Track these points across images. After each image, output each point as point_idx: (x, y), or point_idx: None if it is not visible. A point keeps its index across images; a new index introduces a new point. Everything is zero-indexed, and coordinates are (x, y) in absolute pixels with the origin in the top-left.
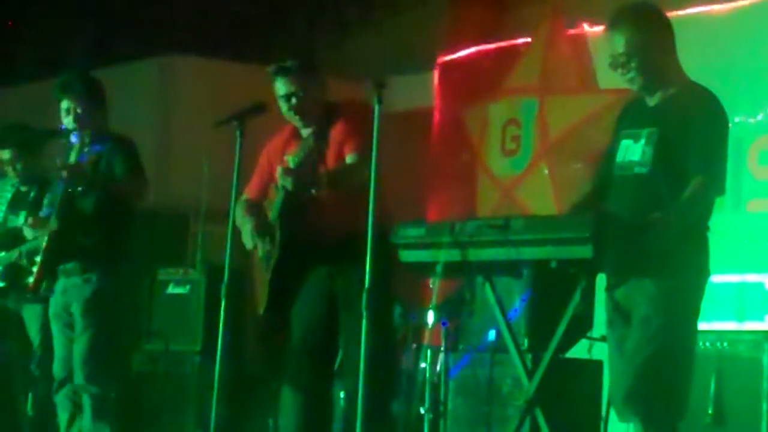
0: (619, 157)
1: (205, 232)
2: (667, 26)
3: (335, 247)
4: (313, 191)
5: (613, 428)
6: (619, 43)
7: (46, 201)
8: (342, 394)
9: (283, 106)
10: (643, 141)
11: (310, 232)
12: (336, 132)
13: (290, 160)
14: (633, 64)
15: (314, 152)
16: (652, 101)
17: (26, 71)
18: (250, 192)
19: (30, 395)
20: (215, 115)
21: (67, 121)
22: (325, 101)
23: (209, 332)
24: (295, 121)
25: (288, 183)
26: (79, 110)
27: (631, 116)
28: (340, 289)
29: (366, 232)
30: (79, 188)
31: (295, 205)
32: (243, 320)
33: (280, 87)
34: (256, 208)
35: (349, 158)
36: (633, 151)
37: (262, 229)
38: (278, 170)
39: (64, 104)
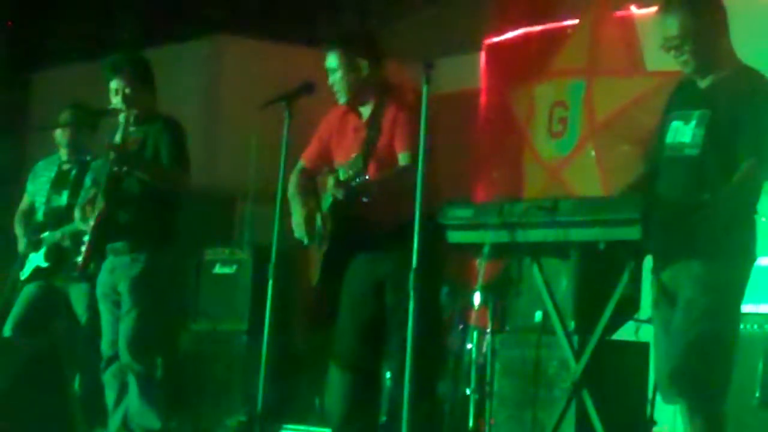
0: (669, 138)
1: (253, 213)
2: (720, 8)
3: (385, 234)
4: (364, 200)
5: (660, 410)
6: (673, 26)
7: (87, 180)
8: (388, 375)
9: (330, 81)
10: (694, 123)
11: (360, 224)
12: (389, 117)
13: (341, 172)
14: (686, 47)
15: (363, 169)
16: (703, 83)
17: (72, 52)
18: (306, 158)
19: (77, 374)
20: (263, 96)
21: (116, 101)
22: (381, 82)
23: (256, 312)
24: (339, 96)
25: (339, 194)
26: (127, 90)
27: (681, 97)
28: (387, 272)
29: (412, 220)
30: (124, 169)
31: (346, 204)
32: (290, 299)
33: (327, 60)
34: (309, 185)
35: (401, 158)
36: (683, 132)
37: (310, 221)
38: (329, 180)
39: (113, 84)
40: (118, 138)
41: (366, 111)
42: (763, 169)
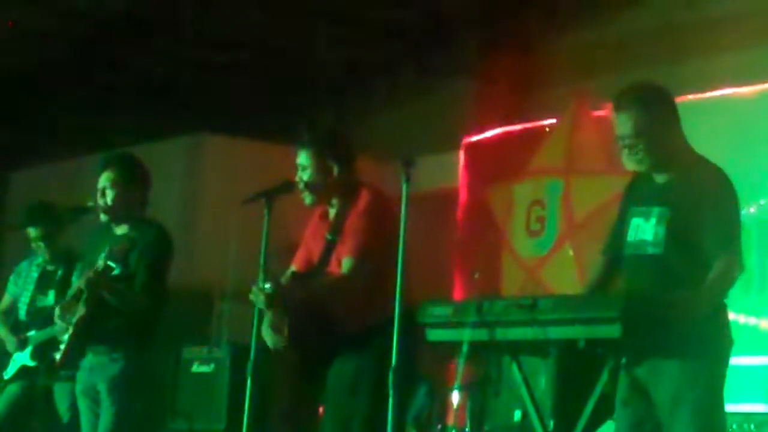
0: (631, 236)
1: (231, 311)
2: (671, 104)
3: (351, 339)
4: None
5: None
6: (626, 124)
7: (74, 279)
8: None
9: (297, 177)
10: (654, 220)
11: (326, 328)
12: (348, 221)
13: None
14: (641, 145)
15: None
16: (660, 178)
17: (53, 150)
18: (296, 264)
19: None
20: (243, 193)
21: (103, 200)
22: (347, 182)
23: (234, 411)
24: (305, 197)
25: (259, 302)
26: (109, 185)
27: (639, 193)
28: (356, 373)
29: (383, 321)
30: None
31: (301, 305)
32: (267, 399)
33: (299, 157)
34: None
35: (344, 264)
36: (644, 230)
37: (277, 328)
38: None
39: (102, 179)
40: (100, 263)
41: (332, 211)
42: (736, 264)
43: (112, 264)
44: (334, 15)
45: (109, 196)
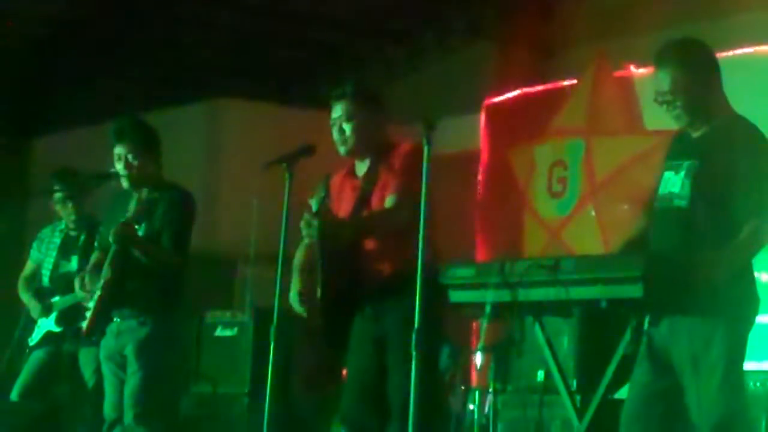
0: (661, 189)
1: (254, 275)
2: (712, 61)
3: (380, 288)
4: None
5: None
6: (665, 81)
7: (96, 245)
8: None
9: (333, 132)
10: (683, 173)
11: (358, 274)
12: (384, 172)
13: (313, 203)
14: (678, 102)
15: (327, 201)
16: (696, 133)
17: (73, 117)
18: None
19: None
20: (263, 158)
21: (119, 167)
22: (382, 139)
23: (257, 374)
24: (340, 146)
25: (311, 230)
26: (129, 156)
27: (675, 148)
28: (387, 331)
29: (412, 271)
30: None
31: (334, 250)
32: (291, 362)
33: (333, 111)
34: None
35: (388, 200)
36: (673, 182)
37: (307, 294)
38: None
39: (117, 149)
40: (129, 214)
41: (363, 167)
42: (766, 231)
43: (136, 226)
44: None
45: (132, 162)
